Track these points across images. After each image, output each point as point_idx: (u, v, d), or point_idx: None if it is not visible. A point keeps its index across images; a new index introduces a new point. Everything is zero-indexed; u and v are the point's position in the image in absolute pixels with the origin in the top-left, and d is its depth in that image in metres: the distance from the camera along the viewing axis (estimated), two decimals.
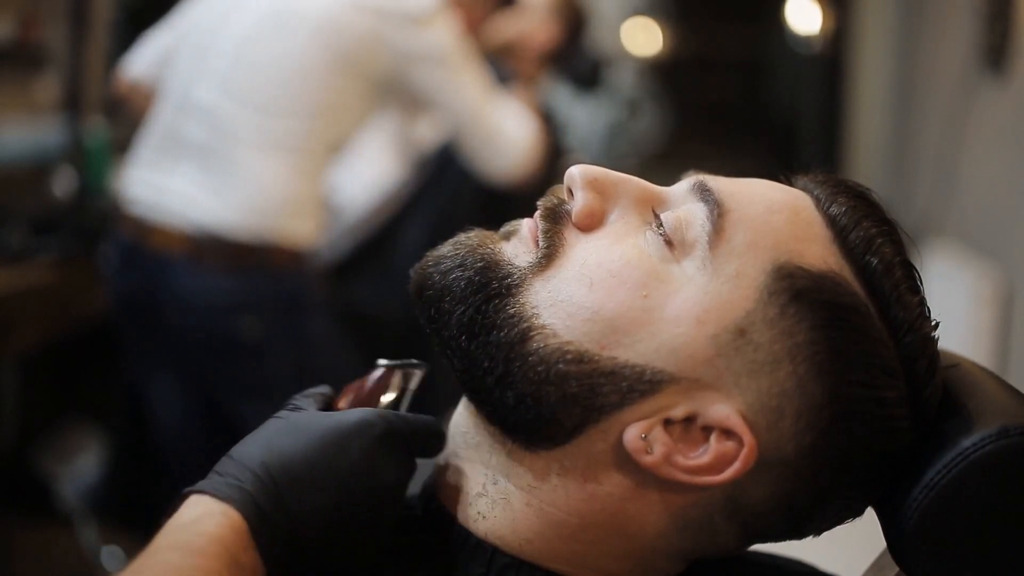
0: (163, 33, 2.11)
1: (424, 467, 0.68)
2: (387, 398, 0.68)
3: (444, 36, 1.96)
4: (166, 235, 1.90)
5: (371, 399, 0.68)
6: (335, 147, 1.99)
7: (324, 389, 0.69)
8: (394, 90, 2.00)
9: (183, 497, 0.59)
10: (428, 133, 2.59)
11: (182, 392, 2.01)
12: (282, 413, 0.65)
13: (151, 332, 1.98)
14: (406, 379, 0.69)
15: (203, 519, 0.57)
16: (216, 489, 0.58)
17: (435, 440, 0.67)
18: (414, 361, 0.70)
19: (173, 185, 1.91)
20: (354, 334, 2.13)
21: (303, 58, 1.89)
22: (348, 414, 0.63)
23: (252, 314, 1.90)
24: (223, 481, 0.58)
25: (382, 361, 0.70)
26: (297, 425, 0.62)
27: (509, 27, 2.52)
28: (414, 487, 0.68)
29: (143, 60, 2.12)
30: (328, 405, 0.68)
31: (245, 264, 1.89)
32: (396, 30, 1.91)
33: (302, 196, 1.93)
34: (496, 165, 2.12)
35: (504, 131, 2.09)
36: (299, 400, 0.67)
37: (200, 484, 0.59)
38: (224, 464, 0.60)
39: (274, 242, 1.90)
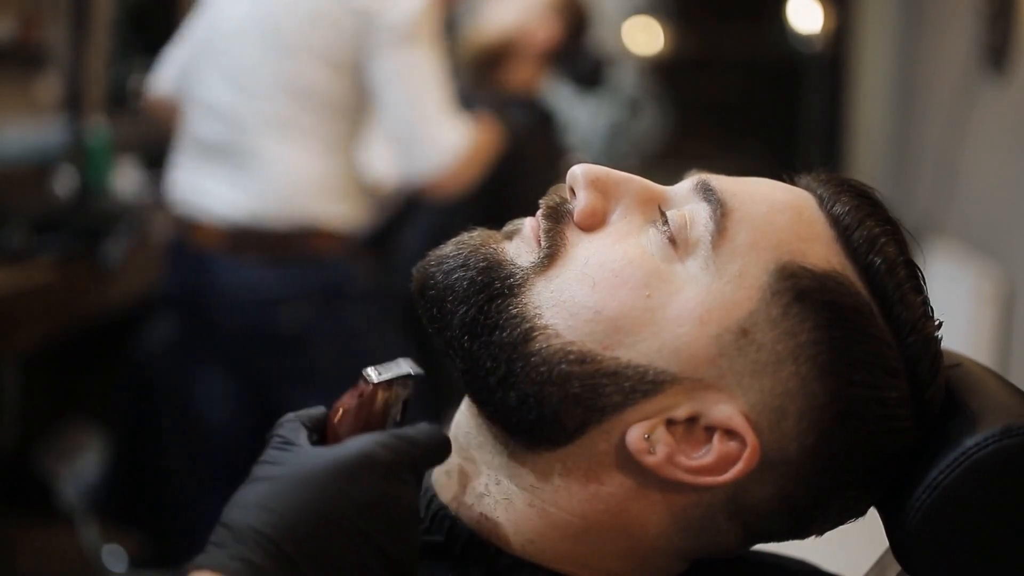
0: (179, 47, 2.17)
1: None
2: (391, 416, 0.64)
3: (421, 19, 1.92)
4: (206, 232, 1.97)
5: (373, 420, 0.63)
6: (354, 122, 2.00)
7: (318, 411, 0.64)
8: (361, 63, 1.94)
9: (184, 574, 0.54)
10: None
11: (231, 387, 2.04)
12: (270, 454, 0.59)
13: (198, 328, 2.03)
14: (404, 391, 0.64)
15: None
16: (219, 564, 0.53)
17: (442, 451, 0.63)
18: (407, 370, 0.64)
19: (206, 186, 1.98)
20: None
21: (294, 34, 1.92)
22: (346, 451, 0.58)
23: (296, 304, 1.94)
24: (225, 554, 0.54)
25: (371, 373, 0.64)
26: (294, 476, 0.57)
27: (503, 20, 2.51)
28: None
29: (165, 77, 2.19)
30: (321, 427, 0.63)
31: (285, 255, 1.93)
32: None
33: (329, 177, 1.96)
34: (417, 166, 1.98)
35: (439, 134, 1.94)
36: (287, 428, 0.61)
37: (200, 560, 0.54)
38: (221, 534, 0.55)
39: (311, 227, 1.94)
